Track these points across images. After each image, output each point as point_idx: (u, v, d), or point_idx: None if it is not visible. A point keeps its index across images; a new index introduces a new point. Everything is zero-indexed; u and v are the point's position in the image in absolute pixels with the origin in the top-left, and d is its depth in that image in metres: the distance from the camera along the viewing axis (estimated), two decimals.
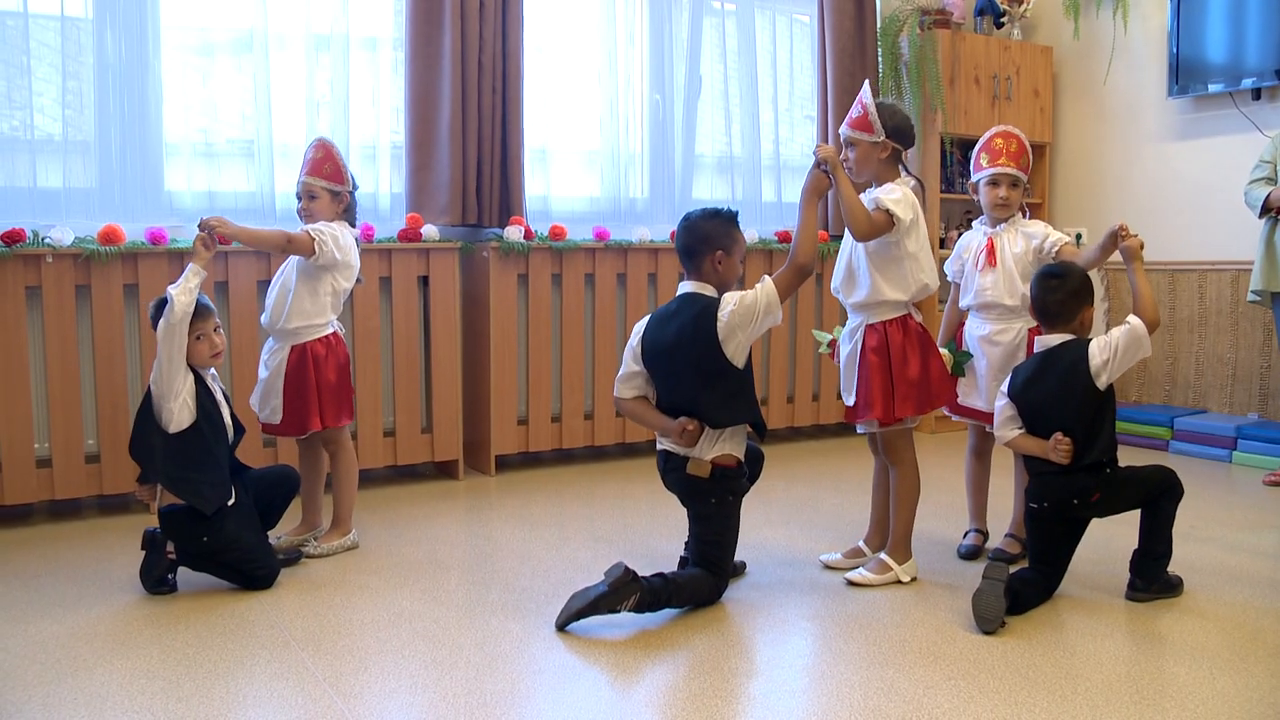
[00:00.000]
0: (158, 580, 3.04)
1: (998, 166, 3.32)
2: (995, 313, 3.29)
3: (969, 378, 3.34)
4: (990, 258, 3.30)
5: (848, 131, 3.14)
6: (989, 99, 5.86)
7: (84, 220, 3.94)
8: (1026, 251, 3.26)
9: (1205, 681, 2.45)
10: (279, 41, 4.38)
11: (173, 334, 2.93)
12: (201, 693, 2.37)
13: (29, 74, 3.92)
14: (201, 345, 3.04)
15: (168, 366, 2.95)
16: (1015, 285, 3.25)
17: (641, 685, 2.45)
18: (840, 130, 3.19)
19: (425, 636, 2.72)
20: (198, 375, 3.03)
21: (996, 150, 3.34)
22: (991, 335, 3.30)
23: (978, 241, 3.37)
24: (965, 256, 3.41)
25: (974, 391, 3.33)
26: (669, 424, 2.90)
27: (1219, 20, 5.26)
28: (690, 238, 2.93)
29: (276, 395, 3.37)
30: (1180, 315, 5.58)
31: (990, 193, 3.33)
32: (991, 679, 2.46)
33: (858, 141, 3.11)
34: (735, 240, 2.95)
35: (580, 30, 5.13)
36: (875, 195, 3.06)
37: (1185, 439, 5.17)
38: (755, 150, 5.53)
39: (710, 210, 2.97)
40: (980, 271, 3.31)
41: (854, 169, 3.12)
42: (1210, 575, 3.23)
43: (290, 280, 3.37)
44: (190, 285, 2.96)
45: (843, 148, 3.14)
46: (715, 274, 2.92)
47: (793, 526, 3.80)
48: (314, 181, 3.39)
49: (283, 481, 3.34)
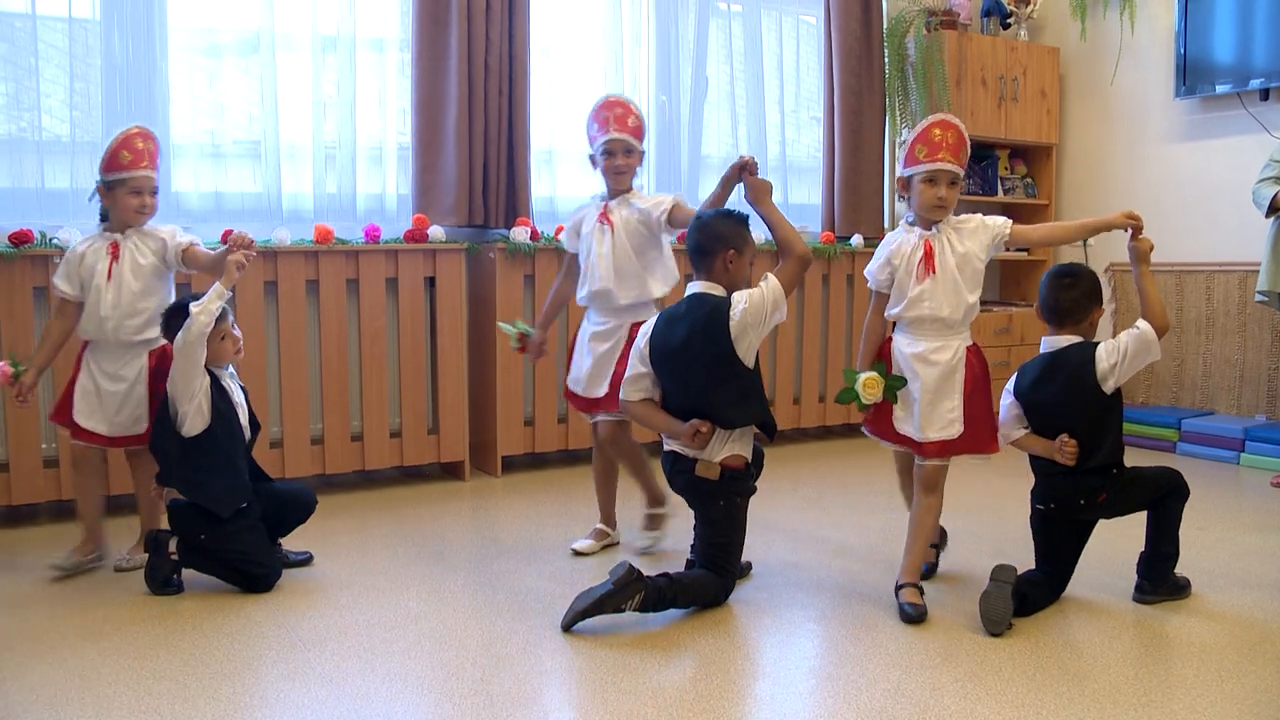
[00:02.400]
0: (163, 581, 3.05)
1: (937, 162, 2.92)
2: (932, 328, 2.94)
3: (901, 402, 2.98)
4: (929, 264, 2.92)
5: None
6: (995, 100, 5.85)
7: (91, 221, 3.92)
8: (970, 255, 2.95)
9: (1213, 684, 2.44)
10: (286, 43, 4.38)
11: (190, 350, 2.93)
12: (208, 693, 2.37)
13: (37, 75, 3.93)
14: (225, 345, 3.08)
15: (183, 377, 2.96)
16: (958, 295, 2.92)
17: (648, 686, 2.45)
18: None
19: (432, 637, 2.73)
20: (214, 376, 3.04)
21: (935, 142, 2.94)
22: (927, 354, 2.93)
23: (910, 245, 2.98)
24: (896, 263, 2.99)
25: (906, 419, 2.96)
26: (679, 426, 2.89)
27: (1226, 21, 5.25)
28: (703, 237, 2.92)
29: (144, 404, 3.23)
30: (1188, 316, 5.57)
31: (927, 191, 2.93)
32: (998, 681, 2.45)
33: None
34: (747, 241, 2.94)
35: (586, 31, 5.13)
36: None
37: (1192, 441, 5.15)
38: (761, 151, 5.53)
39: (723, 211, 2.97)
40: (916, 280, 2.94)
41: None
42: (1218, 577, 3.22)
43: (151, 285, 3.21)
44: (212, 307, 2.95)
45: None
46: (726, 274, 2.91)
47: (798, 528, 3.79)
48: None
49: (298, 503, 3.27)
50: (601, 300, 3.34)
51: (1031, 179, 6.22)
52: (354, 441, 4.35)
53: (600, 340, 3.35)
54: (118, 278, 3.15)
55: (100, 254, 3.18)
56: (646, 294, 3.33)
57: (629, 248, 3.30)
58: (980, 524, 3.77)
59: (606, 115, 3.34)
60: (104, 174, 3.16)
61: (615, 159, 3.34)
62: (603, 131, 3.34)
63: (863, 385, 2.98)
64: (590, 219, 3.39)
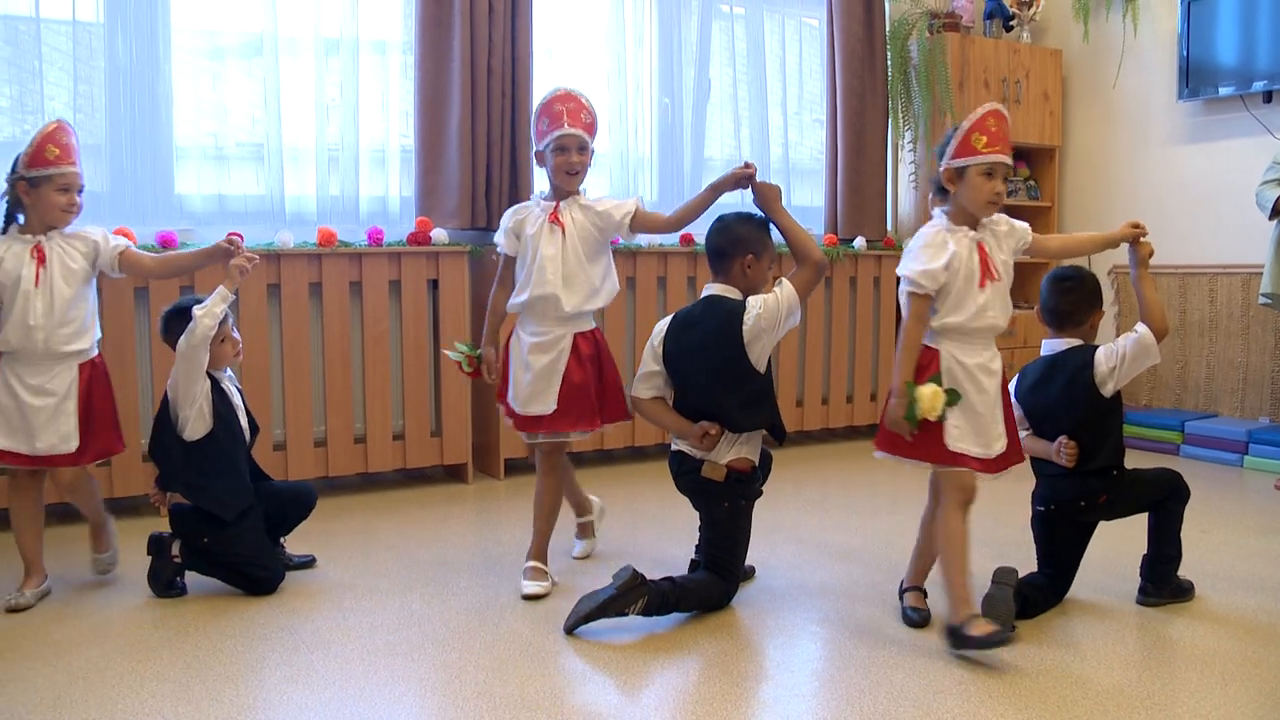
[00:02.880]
0: (166, 584, 3.05)
1: (995, 154, 2.70)
2: (989, 337, 2.75)
3: (963, 418, 2.68)
4: (988, 270, 2.70)
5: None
6: (998, 102, 5.83)
7: (95, 223, 3.93)
8: (1006, 261, 2.77)
9: (1217, 687, 2.44)
10: (289, 45, 4.39)
11: (193, 354, 2.92)
12: (212, 695, 2.37)
13: (41, 78, 3.93)
14: (225, 348, 3.06)
15: (185, 381, 2.95)
16: (1008, 302, 2.77)
17: (651, 689, 2.45)
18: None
19: (435, 640, 2.73)
20: (214, 379, 3.04)
21: (994, 133, 2.72)
22: (988, 364, 2.72)
23: (965, 247, 2.71)
24: (956, 266, 2.68)
25: (970, 434, 2.67)
26: (689, 427, 2.89)
27: (1229, 23, 5.24)
28: (723, 239, 2.91)
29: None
30: (1191, 319, 5.56)
31: (984, 186, 2.69)
32: (1001, 684, 2.45)
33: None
34: (766, 246, 2.93)
35: (589, 34, 5.14)
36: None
37: (1196, 443, 5.15)
38: (764, 154, 5.53)
39: (744, 214, 2.95)
40: (978, 287, 2.69)
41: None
42: (1222, 580, 3.22)
43: (81, 291, 3.01)
44: (215, 310, 2.93)
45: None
46: (744, 278, 2.90)
47: (802, 531, 3.79)
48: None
49: (299, 500, 3.27)
50: (542, 307, 3.06)
51: (1034, 181, 6.21)
52: (357, 444, 4.35)
53: (540, 352, 3.07)
54: (47, 283, 2.91)
55: (22, 258, 2.91)
56: (592, 303, 3.10)
57: (581, 252, 3.06)
58: (981, 526, 3.76)
59: (559, 109, 3.05)
60: (28, 169, 2.90)
61: (569, 155, 3.04)
62: (554, 126, 3.04)
63: (929, 398, 2.60)
64: (535, 220, 3.10)
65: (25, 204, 2.96)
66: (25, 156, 2.93)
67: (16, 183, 2.94)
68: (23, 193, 2.94)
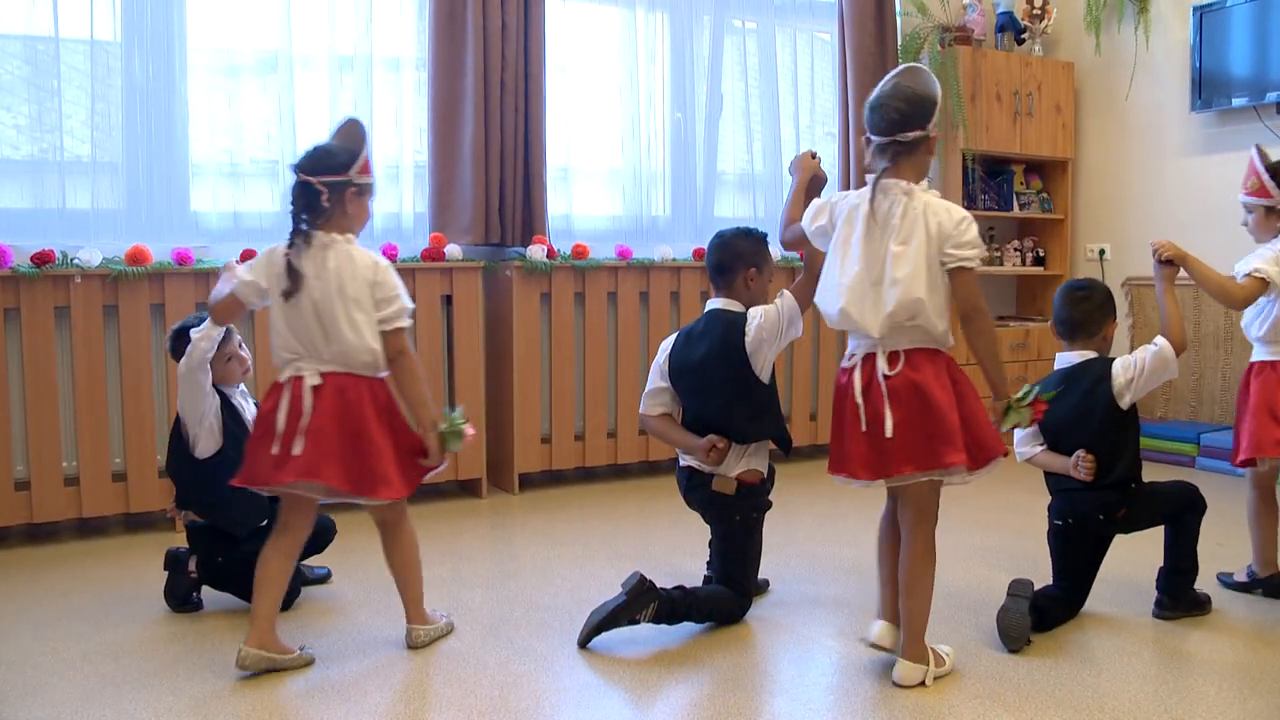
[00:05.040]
0: (182, 599, 3.06)
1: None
2: None
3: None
4: None
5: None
6: (1010, 115, 5.85)
7: (111, 241, 3.99)
8: None
9: (1235, 701, 2.42)
10: (304, 62, 4.42)
11: (191, 376, 2.94)
12: (228, 710, 2.38)
13: (59, 97, 3.97)
14: (232, 366, 3.07)
15: (189, 401, 2.97)
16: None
17: (664, 703, 2.45)
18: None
19: (449, 654, 2.73)
20: (225, 396, 3.05)
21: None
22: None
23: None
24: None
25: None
26: (696, 442, 2.90)
27: (1242, 34, 5.24)
28: (724, 254, 2.95)
29: None
30: (1205, 330, 5.54)
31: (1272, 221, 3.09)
32: (1017, 697, 2.44)
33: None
34: (767, 260, 2.98)
35: (602, 49, 5.16)
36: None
37: (1211, 455, 5.11)
38: (777, 168, 5.54)
39: (744, 229, 2.99)
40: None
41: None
42: (1239, 593, 3.19)
43: None
44: (212, 333, 2.92)
45: None
46: (746, 291, 2.93)
47: (815, 545, 3.78)
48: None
49: (317, 535, 3.02)
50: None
51: (1047, 194, 6.20)
52: None
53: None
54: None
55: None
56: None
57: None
58: (995, 540, 3.76)
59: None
60: (361, 175, 2.70)
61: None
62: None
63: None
64: None
65: (346, 211, 2.71)
66: (359, 161, 2.67)
67: (346, 188, 2.68)
68: (350, 198, 2.70)
